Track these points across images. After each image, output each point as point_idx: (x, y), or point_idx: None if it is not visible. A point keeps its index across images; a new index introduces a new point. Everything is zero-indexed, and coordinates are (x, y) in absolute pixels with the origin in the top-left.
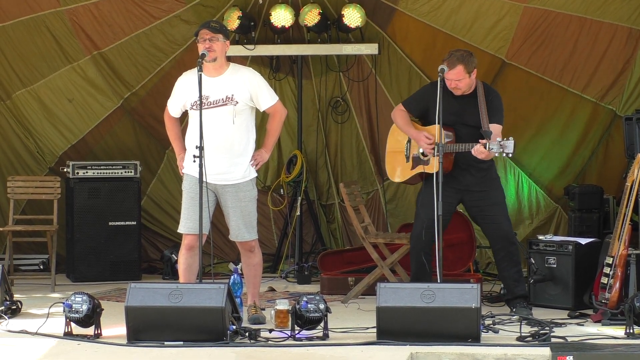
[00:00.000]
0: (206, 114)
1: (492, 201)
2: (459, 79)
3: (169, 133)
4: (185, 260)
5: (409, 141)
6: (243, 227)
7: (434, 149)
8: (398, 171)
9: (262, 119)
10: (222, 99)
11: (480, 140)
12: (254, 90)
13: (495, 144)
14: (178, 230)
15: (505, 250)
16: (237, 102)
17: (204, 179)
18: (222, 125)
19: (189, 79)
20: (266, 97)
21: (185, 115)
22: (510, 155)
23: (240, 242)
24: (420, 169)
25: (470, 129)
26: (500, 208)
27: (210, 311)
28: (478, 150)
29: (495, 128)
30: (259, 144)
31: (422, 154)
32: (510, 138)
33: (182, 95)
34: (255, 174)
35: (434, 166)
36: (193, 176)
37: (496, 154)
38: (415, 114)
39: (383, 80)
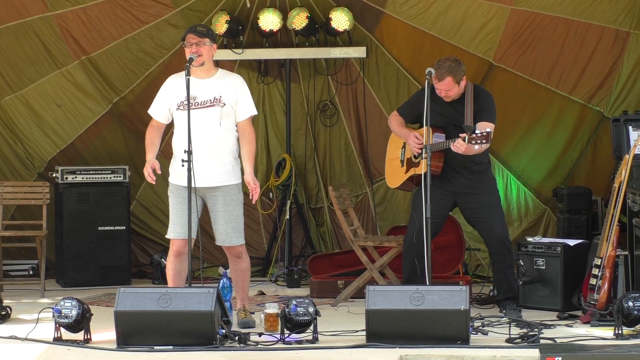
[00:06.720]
0: (193, 114)
1: (485, 204)
2: (448, 89)
3: (147, 137)
4: (174, 267)
5: (404, 146)
6: (231, 232)
7: (421, 149)
8: (394, 177)
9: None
10: (210, 100)
11: (460, 135)
12: (240, 96)
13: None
14: (167, 236)
15: (499, 254)
16: (224, 104)
17: (193, 185)
18: (209, 126)
19: (176, 81)
20: (247, 106)
21: (169, 126)
22: (488, 145)
23: (228, 248)
24: (412, 171)
25: (461, 129)
26: (494, 211)
27: (200, 315)
28: (457, 145)
29: (486, 126)
30: None
31: (414, 156)
32: (488, 128)
33: (168, 96)
34: (240, 179)
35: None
36: (180, 185)
37: (475, 147)
38: (409, 119)
39: (371, 83)
